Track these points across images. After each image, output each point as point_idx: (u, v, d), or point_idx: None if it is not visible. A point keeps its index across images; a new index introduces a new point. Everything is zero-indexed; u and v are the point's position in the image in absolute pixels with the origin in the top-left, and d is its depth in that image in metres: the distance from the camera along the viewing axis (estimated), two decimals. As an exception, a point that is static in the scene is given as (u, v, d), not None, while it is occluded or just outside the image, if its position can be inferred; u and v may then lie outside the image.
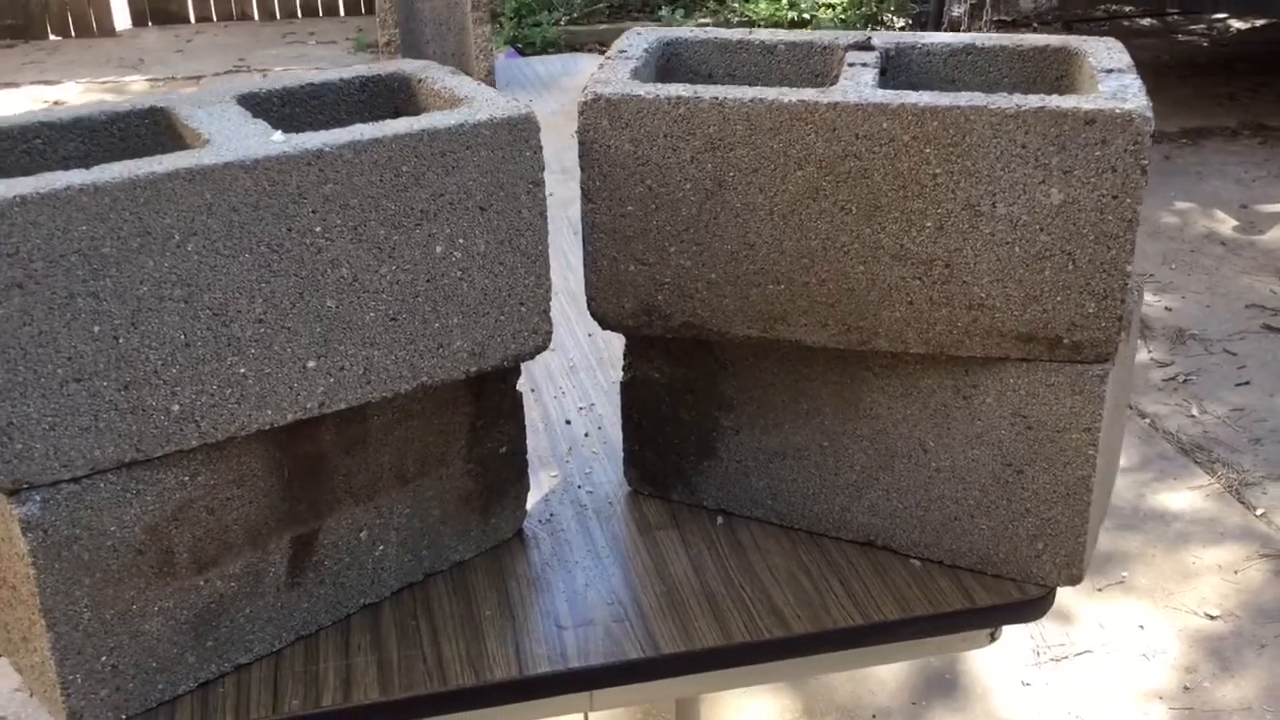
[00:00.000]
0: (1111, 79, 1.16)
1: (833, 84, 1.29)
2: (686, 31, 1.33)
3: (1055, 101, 1.10)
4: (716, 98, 1.14)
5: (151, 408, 1.04)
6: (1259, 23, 7.32)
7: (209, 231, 1.02)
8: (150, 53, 7.33)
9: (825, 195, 1.16)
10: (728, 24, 7.05)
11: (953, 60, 1.29)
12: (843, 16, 7.01)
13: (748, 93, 1.15)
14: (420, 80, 1.24)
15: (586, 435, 1.57)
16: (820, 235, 1.18)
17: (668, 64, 1.33)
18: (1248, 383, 3.61)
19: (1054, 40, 1.27)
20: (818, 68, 1.31)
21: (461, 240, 1.14)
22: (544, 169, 1.16)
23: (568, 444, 1.54)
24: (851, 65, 1.23)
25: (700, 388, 1.35)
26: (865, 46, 1.26)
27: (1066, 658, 2.62)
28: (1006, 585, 1.29)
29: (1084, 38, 1.28)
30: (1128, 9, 7.79)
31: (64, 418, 1.01)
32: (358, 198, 1.07)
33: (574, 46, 6.94)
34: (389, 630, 1.24)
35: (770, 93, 1.14)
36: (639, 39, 1.32)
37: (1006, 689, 2.54)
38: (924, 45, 1.29)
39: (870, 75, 1.19)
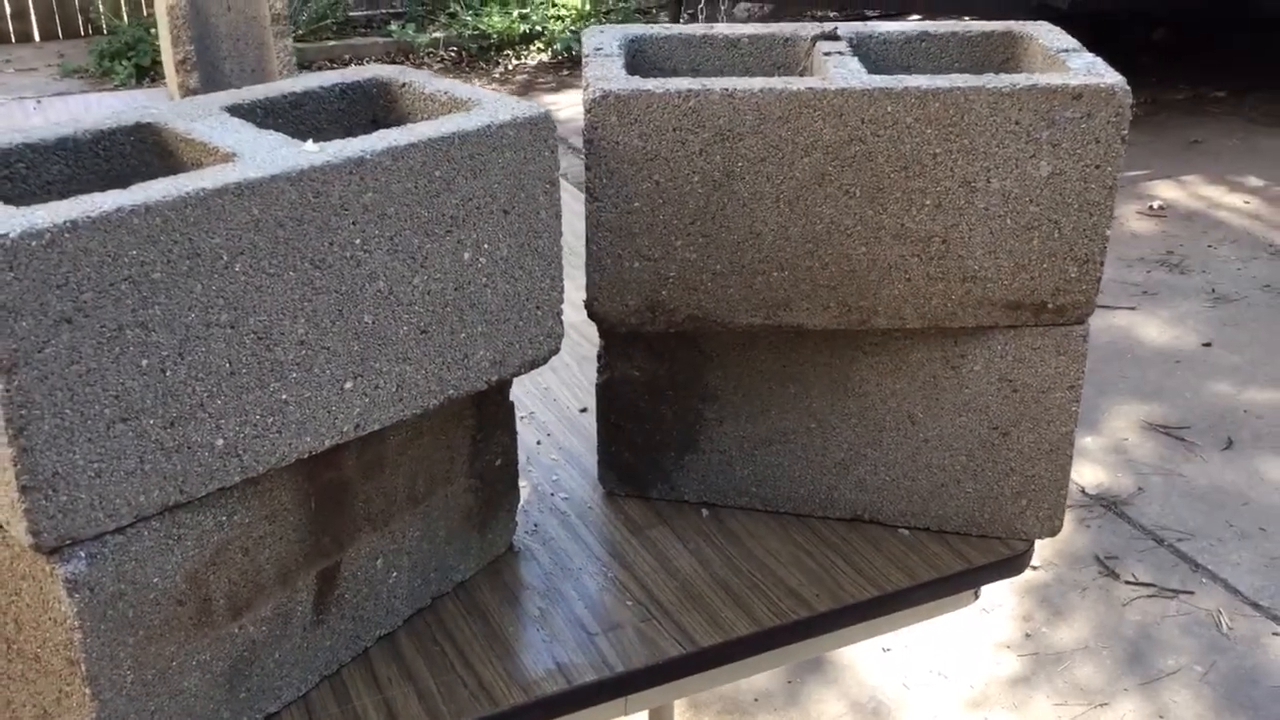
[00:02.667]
0: (1075, 57, 1.24)
1: (804, 73, 1.33)
2: (650, 28, 1.33)
3: (1044, 79, 1.17)
4: (727, 89, 1.15)
5: (196, 444, 0.96)
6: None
7: (255, 249, 0.95)
8: None
9: (830, 180, 1.19)
10: (460, 36, 7.01)
11: (908, 47, 1.34)
12: (574, 28, 7.09)
13: (755, 83, 1.16)
14: (403, 85, 1.20)
15: (539, 443, 1.54)
16: (825, 219, 1.20)
17: (634, 60, 1.33)
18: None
19: (998, 26, 1.35)
20: (780, 59, 1.34)
21: (486, 245, 1.10)
22: (559, 169, 1.14)
23: (525, 454, 1.51)
24: (829, 55, 1.26)
25: (682, 381, 1.36)
26: (832, 37, 1.30)
27: (917, 621, 2.75)
28: (993, 543, 1.36)
29: (1022, 22, 1.36)
30: (832, 14, 8.22)
31: (110, 462, 0.92)
32: (394, 205, 1.03)
33: (304, 65, 6.74)
34: (414, 659, 1.19)
35: (777, 82, 1.16)
36: (607, 37, 1.32)
37: (870, 657, 2.65)
38: (881, 34, 1.34)
39: (856, 63, 1.23)
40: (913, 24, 1.34)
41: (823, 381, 1.33)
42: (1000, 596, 2.82)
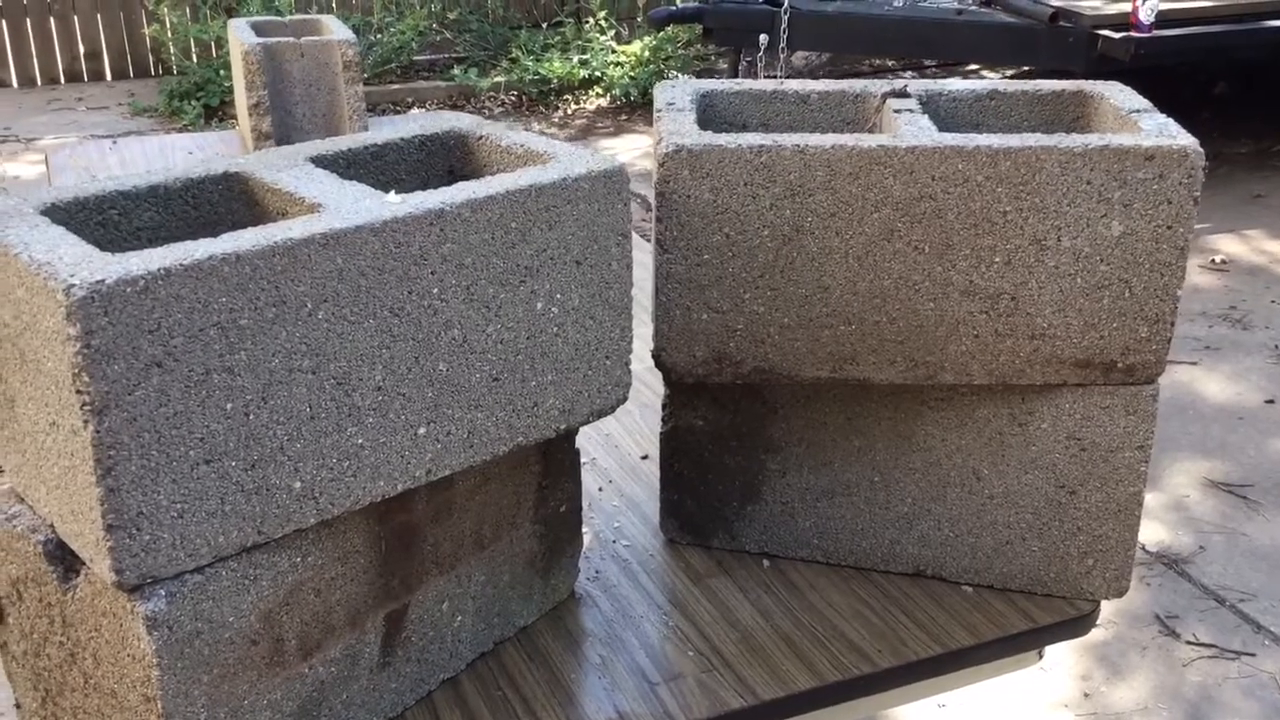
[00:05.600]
0: (1147, 118, 1.24)
1: (873, 130, 1.34)
2: (721, 84, 1.35)
3: (1116, 139, 1.17)
4: (798, 145, 1.17)
5: (275, 486, 0.98)
6: (1009, 73, 7.87)
7: (338, 298, 0.97)
8: (-98, 124, 6.82)
9: (900, 236, 1.20)
10: (521, 81, 7.10)
11: (977, 105, 1.35)
12: (632, 74, 7.16)
13: (826, 139, 1.18)
14: (480, 138, 1.22)
15: (601, 490, 1.55)
16: (893, 275, 1.21)
17: (704, 115, 1.35)
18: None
19: (1069, 85, 1.35)
20: (850, 115, 1.35)
21: (559, 295, 1.12)
22: (631, 221, 1.16)
23: (586, 501, 1.52)
24: (899, 112, 1.27)
25: (747, 432, 1.36)
26: (902, 94, 1.31)
27: (973, 676, 2.72)
28: (1058, 603, 1.35)
29: (1094, 82, 1.36)
30: (889, 63, 8.24)
31: (192, 503, 0.94)
32: (471, 256, 1.05)
33: (368, 108, 6.83)
34: (477, 704, 1.20)
35: (848, 139, 1.18)
36: (678, 91, 1.34)
37: (926, 712, 2.62)
38: (951, 92, 1.35)
39: (927, 120, 1.24)
40: (983, 82, 1.35)
41: (887, 435, 1.33)
42: (1059, 654, 2.79)
